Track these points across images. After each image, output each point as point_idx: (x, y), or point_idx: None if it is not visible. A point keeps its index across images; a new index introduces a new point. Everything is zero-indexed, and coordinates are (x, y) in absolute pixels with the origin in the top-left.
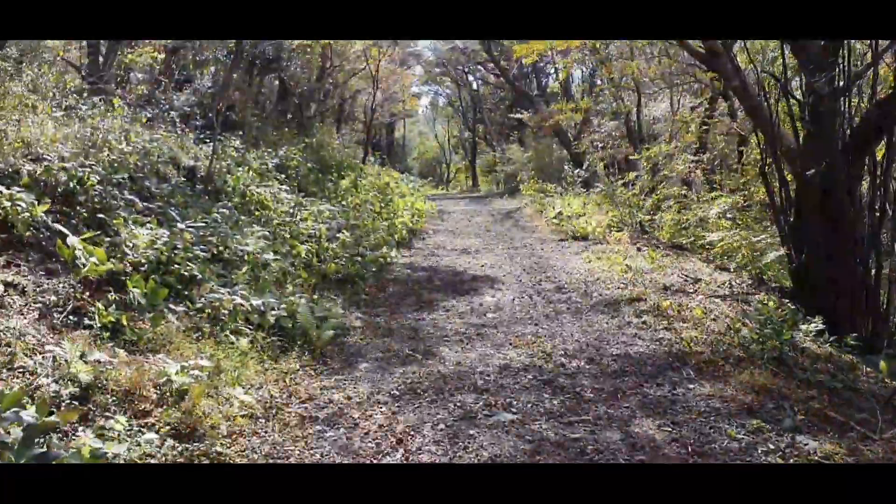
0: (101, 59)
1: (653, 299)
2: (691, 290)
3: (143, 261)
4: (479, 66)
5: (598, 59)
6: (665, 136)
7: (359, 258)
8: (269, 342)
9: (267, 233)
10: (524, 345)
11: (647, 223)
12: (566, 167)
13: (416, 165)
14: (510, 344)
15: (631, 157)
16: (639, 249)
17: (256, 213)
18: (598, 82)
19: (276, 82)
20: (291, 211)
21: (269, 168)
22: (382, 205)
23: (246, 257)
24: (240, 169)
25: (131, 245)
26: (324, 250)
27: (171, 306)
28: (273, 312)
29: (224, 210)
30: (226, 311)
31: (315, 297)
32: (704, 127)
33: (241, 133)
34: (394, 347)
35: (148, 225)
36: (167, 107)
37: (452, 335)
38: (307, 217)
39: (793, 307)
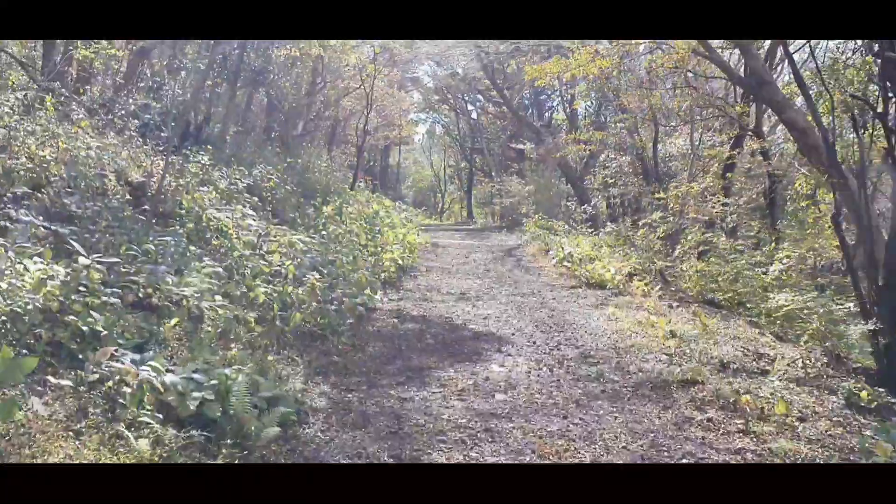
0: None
1: (713, 382)
2: (755, 370)
3: (21, 311)
4: (479, 96)
5: (611, 90)
6: (683, 175)
7: (333, 306)
8: (185, 441)
9: (221, 269)
10: (552, 454)
11: (666, 272)
12: (570, 203)
13: (410, 194)
14: (532, 451)
15: (649, 197)
16: (671, 306)
17: (215, 241)
18: (607, 116)
19: (264, 97)
20: (256, 242)
21: (239, 189)
22: (369, 237)
23: (185, 303)
24: (203, 188)
25: (6, 287)
26: (287, 295)
27: (51, 378)
28: (195, 395)
29: (168, 238)
30: (129, 390)
31: (271, 358)
32: (729, 162)
33: (209, 147)
34: (367, 449)
35: (38, 258)
36: (122, 113)
37: (450, 430)
38: (274, 250)
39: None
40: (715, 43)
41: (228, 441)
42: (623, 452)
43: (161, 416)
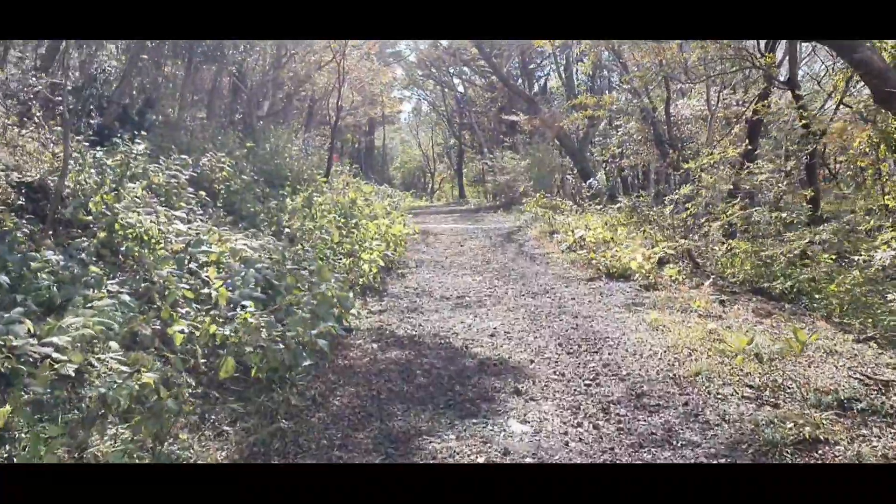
0: None
1: (842, 440)
2: (890, 411)
3: None
4: (465, 68)
5: (611, 48)
6: (700, 140)
7: (283, 342)
8: None
9: (128, 296)
10: None
11: (697, 253)
12: (570, 177)
13: (399, 176)
14: None
15: (664, 166)
16: (723, 303)
17: (137, 252)
18: (600, 81)
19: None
20: (186, 253)
21: (180, 182)
22: (344, 233)
23: (53, 365)
24: (133, 185)
25: None
26: (213, 334)
27: None
28: None
29: (55, 258)
30: None
31: (184, 437)
32: (756, 118)
33: (143, 134)
34: None
35: None
36: (29, 98)
37: None
38: (213, 260)
39: None
40: None
41: None
42: None
43: None
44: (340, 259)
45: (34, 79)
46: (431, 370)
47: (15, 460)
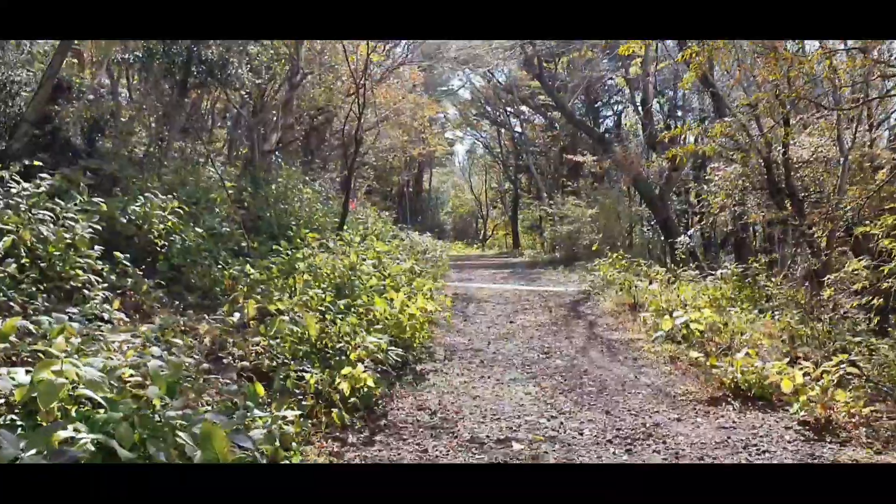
0: None
1: None
2: None
3: None
4: (523, 107)
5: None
6: (831, 188)
7: None
8: None
9: None
10: None
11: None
12: (647, 230)
13: (450, 221)
14: None
15: (791, 224)
16: None
17: None
18: (675, 123)
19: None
20: None
21: (76, 239)
22: (329, 318)
23: None
24: None
25: None
26: None
27: None
28: None
29: None
30: None
31: None
32: None
33: (52, 164)
34: None
35: None
36: None
37: None
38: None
39: None
40: None
41: None
42: None
43: None
44: (311, 373)
45: None
46: None
47: None
